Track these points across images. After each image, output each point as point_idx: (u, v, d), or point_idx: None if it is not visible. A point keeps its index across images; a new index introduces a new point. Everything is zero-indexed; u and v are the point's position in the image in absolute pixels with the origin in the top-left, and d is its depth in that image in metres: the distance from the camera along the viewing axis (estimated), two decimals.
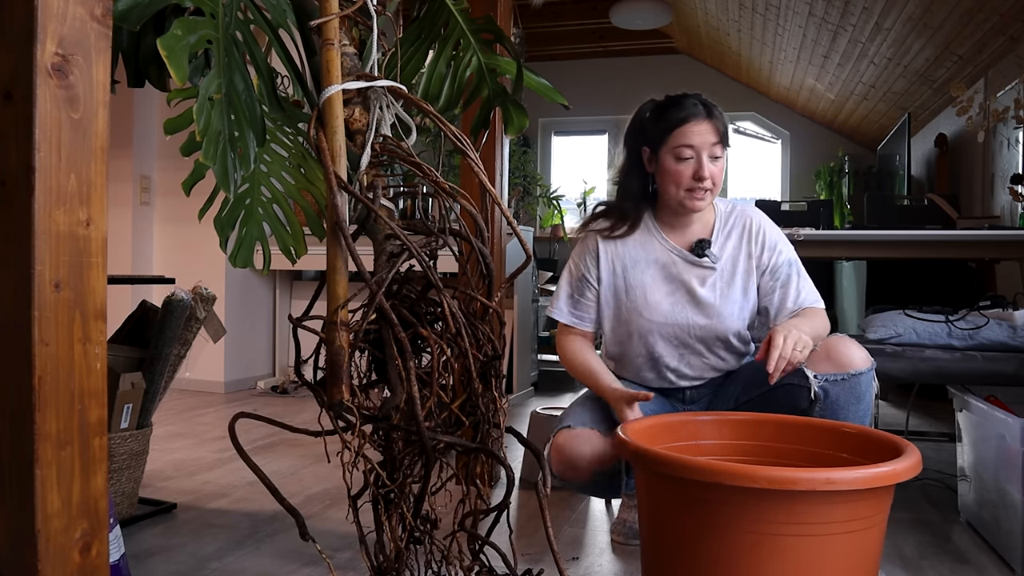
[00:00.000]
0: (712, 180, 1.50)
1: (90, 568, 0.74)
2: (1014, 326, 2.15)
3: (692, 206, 1.53)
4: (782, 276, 1.58)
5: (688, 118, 1.50)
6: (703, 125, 1.49)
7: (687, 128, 1.49)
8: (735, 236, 1.60)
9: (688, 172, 1.50)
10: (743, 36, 5.19)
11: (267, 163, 1.37)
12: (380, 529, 1.16)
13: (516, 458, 2.46)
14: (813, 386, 1.44)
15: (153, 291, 3.73)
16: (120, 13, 0.94)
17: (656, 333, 1.60)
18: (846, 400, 1.45)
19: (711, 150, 1.49)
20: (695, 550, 1.08)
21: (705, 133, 1.49)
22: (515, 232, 1.17)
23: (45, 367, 0.70)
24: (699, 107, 1.50)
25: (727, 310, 1.57)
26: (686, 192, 1.52)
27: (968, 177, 4.41)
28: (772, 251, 1.59)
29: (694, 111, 1.50)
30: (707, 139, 1.49)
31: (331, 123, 1.10)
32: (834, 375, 1.44)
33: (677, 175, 1.51)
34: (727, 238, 1.60)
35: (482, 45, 1.37)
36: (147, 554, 1.69)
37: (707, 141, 1.49)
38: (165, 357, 1.97)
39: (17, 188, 0.69)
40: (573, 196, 6.52)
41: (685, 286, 1.58)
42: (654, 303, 1.58)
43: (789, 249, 1.61)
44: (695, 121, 1.49)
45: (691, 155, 1.49)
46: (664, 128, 1.52)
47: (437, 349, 1.09)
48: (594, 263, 1.63)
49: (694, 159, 1.50)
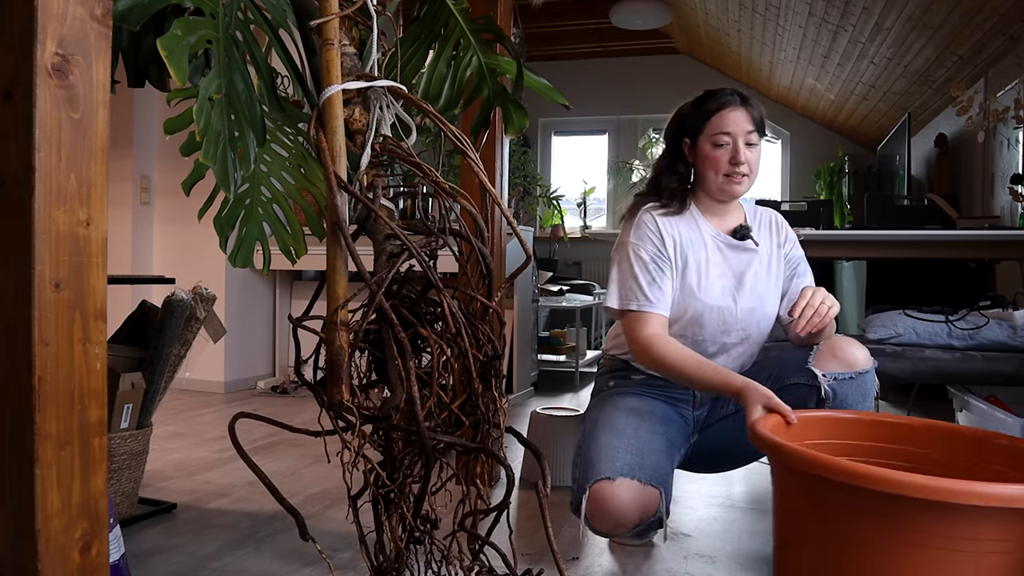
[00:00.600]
0: (748, 165, 1.57)
1: (90, 568, 0.74)
2: (1014, 326, 2.15)
3: (731, 191, 1.59)
4: (799, 269, 1.69)
5: (724, 106, 1.57)
6: (738, 112, 1.56)
7: (723, 115, 1.56)
8: (763, 228, 1.69)
9: (725, 157, 1.57)
10: (743, 36, 5.19)
11: (267, 163, 1.37)
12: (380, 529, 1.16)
13: (516, 458, 2.46)
14: (823, 385, 1.46)
15: (153, 291, 3.73)
16: (120, 13, 0.94)
17: (706, 315, 1.61)
18: (854, 398, 1.47)
19: (747, 137, 1.56)
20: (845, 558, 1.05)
21: (740, 120, 1.56)
22: (515, 232, 1.17)
23: (45, 367, 0.70)
24: (735, 96, 1.58)
25: (768, 295, 1.63)
26: (724, 177, 1.58)
27: (968, 177, 4.41)
28: (793, 244, 1.70)
29: (730, 99, 1.57)
30: (742, 126, 1.55)
31: (331, 123, 1.10)
32: (842, 374, 1.47)
33: (715, 160, 1.57)
34: (758, 229, 1.68)
35: (482, 45, 1.37)
36: (147, 554, 1.69)
37: (742, 128, 1.55)
38: (165, 357, 1.97)
39: (17, 188, 0.69)
40: (573, 196, 6.52)
41: (732, 269, 1.63)
42: (707, 285, 1.61)
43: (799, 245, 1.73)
44: (730, 108, 1.56)
45: (727, 141, 1.56)
46: (702, 117, 1.59)
47: (437, 349, 1.09)
48: (659, 241, 1.61)
49: (730, 145, 1.56)
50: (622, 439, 1.51)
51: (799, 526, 1.14)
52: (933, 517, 0.97)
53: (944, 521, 0.97)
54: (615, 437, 1.51)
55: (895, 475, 0.98)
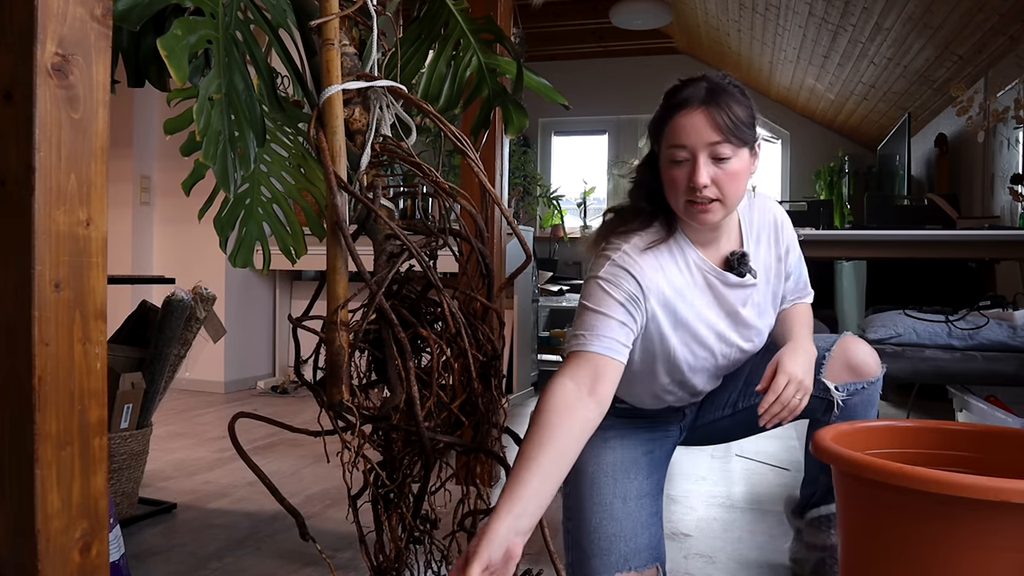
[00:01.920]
0: (718, 187, 1.17)
1: (90, 568, 0.74)
2: (1014, 326, 2.15)
3: (699, 220, 1.21)
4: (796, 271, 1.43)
5: (680, 106, 1.17)
6: (697, 116, 1.15)
7: (678, 120, 1.17)
8: (764, 240, 1.35)
9: (683, 178, 1.18)
10: (743, 36, 5.19)
11: (267, 163, 1.37)
12: (380, 529, 1.16)
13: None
14: (837, 399, 1.34)
15: (153, 291, 3.73)
16: (120, 13, 0.94)
17: (699, 368, 1.35)
18: (863, 408, 1.37)
19: (711, 150, 1.15)
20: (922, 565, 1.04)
21: (700, 128, 1.15)
22: (515, 232, 1.17)
23: (45, 367, 0.70)
24: (698, 91, 1.18)
25: (766, 317, 1.38)
26: (685, 203, 1.20)
27: (968, 177, 4.41)
28: (793, 248, 1.40)
29: (690, 97, 1.17)
30: (702, 135, 1.15)
31: (331, 123, 1.10)
32: (854, 384, 1.35)
33: (673, 182, 1.20)
34: (757, 244, 1.34)
35: (482, 45, 1.37)
36: (147, 554, 1.69)
37: (703, 139, 1.15)
38: (165, 357, 1.97)
39: (17, 188, 0.69)
40: (573, 196, 6.52)
41: (729, 310, 1.31)
42: (700, 341, 1.31)
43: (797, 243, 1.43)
44: (687, 111, 1.16)
45: (685, 156, 1.17)
46: (660, 121, 1.22)
47: (437, 349, 1.09)
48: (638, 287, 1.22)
49: (688, 161, 1.17)
50: (612, 523, 1.32)
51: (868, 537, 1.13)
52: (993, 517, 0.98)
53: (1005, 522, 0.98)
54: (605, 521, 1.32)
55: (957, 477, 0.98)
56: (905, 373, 2.16)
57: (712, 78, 1.22)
